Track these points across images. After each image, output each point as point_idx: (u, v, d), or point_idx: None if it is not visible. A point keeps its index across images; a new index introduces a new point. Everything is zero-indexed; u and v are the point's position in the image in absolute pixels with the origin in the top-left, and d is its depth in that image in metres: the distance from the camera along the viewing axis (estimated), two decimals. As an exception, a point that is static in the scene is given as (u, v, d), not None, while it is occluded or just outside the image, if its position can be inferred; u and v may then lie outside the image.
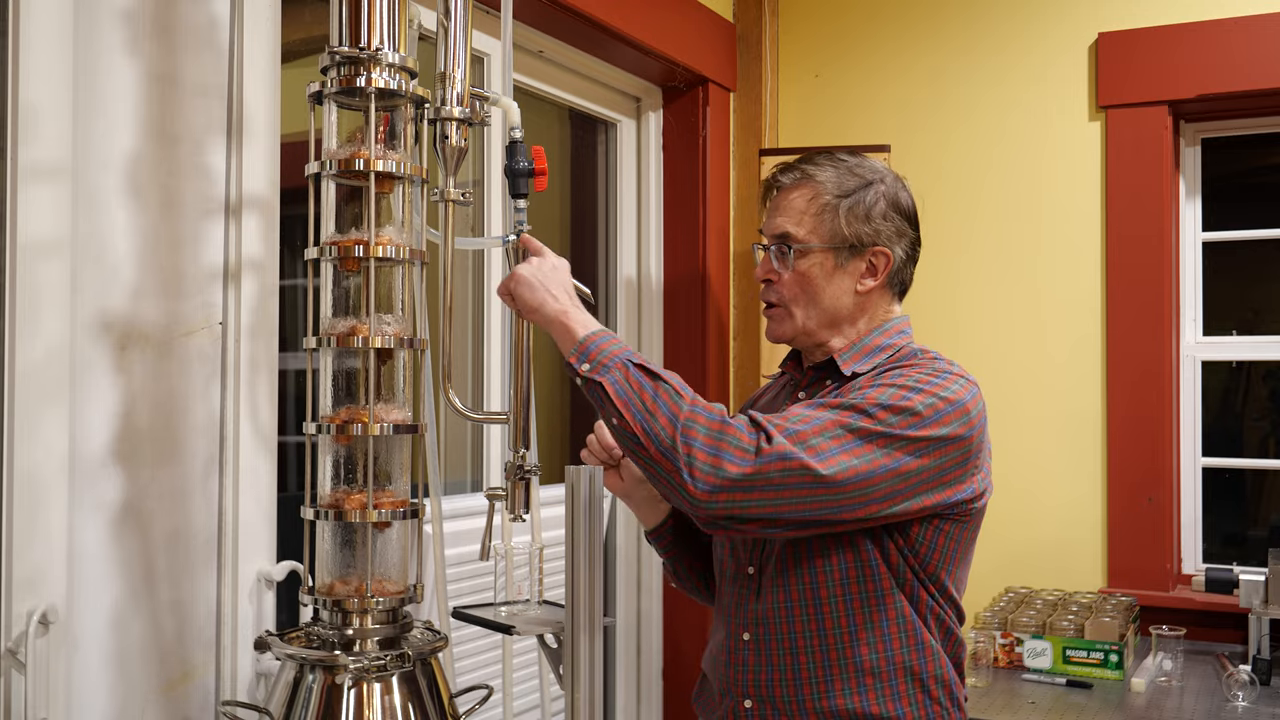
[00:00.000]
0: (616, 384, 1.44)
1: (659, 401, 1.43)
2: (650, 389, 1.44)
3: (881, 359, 1.64)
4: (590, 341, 1.48)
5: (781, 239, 1.66)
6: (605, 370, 1.45)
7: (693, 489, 1.40)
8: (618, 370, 1.45)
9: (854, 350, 1.66)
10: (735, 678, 1.64)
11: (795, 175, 1.68)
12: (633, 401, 1.43)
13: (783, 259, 1.66)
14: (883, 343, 1.66)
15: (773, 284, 1.67)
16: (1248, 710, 2.44)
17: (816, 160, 1.69)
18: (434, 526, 1.90)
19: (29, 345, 1.46)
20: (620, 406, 1.44)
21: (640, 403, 1.43)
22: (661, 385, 1.45)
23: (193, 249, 1.69)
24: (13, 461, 1.44)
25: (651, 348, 3.28)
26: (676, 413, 1.42)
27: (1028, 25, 3.26)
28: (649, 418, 1.42)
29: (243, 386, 1.73)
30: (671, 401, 1.43)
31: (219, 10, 1.73)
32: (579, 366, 1.47)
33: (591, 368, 1.46)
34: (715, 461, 1.40)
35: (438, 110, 1.49)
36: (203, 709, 1.69)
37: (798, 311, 1.66)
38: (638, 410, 1.43)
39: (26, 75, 1.45)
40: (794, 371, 1.77)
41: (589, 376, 1.46)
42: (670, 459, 1.41)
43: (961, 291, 3.30)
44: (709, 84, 3.25)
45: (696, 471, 1.39)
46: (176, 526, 1.66)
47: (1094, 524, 3.12)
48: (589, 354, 1.47)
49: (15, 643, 1.42)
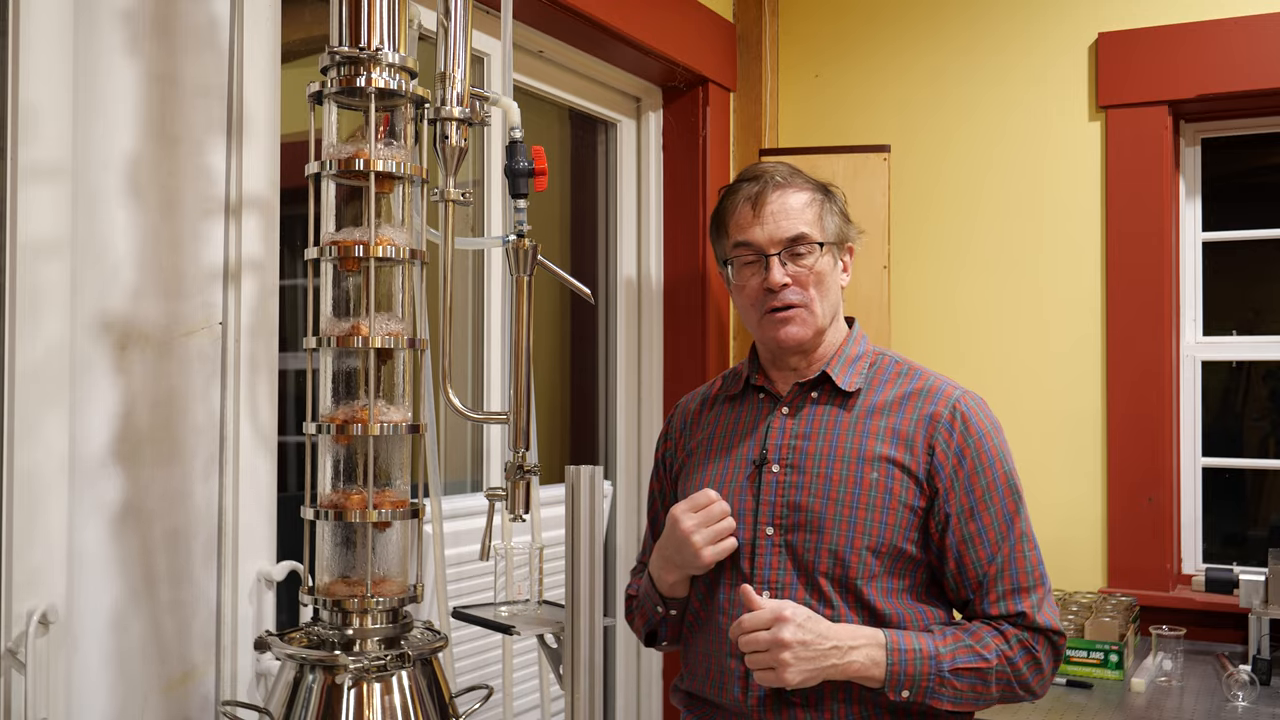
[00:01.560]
0: (950, 699, 1.59)
1: (989, 688, 1.60)
2: (978, 681, 1.60)
3: (863, 365, 1.73)
4: (895, 674, 1.57)
5: (796, 240, 1.68)
6: (930, 694, 1.58)
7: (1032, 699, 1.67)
8: (941, 689, 1.58)
9: (841, 361, 1.72)
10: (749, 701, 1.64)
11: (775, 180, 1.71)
12: (970, 701, 1.61)
13: (798, 259, 1.68)
14: (858, 351, 1.74)
15: (789, 286, 1.67)
16: (1248, 710, 2.44)
17: (777, 167, 1.75)
18: (434, 526, 1.90)
19: (29, 345, 1.46)
20: (962, 709, 1.63)
21: (975, 697, 1.61)
22: (981, 673, 1.59)
23: (193, 249, 1.69)
24: (13, 461, 1.44)
25: (651, 348, 3.29)
26: (1007, 678, 1.61)
27: (1028, 25, 3.26)
28: (988, 700, 1.63)
29: (243, 386, 1.73)
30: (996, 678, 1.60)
31: (219, 10, 1.73)
32: (898, 696, 1.58)
33: (913, 694, 1.58)
34: (1039, 679, 1.64)
35: (438, 110, 1.49)
36: (203, 709, 1.69)
37: (817, 308, 1.69)
38: (977, 700, 1.62)
39: (26, 75, 1.45)
40: (769, 386, 1.76)
41: (921, 702, 1.59)
42: (1010, 700, 1.65)
43: (961, 291, 3.30)
44: (709, 84, 3.25)
45: (1034, 690, 1.64)
46: (176, 526, 1.66)
47: (1094, 524, 3.13)
48: (903, 684, 1.57)
49: (15, 643, 1.42)
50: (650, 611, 1.76)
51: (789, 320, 1.68)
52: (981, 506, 1.63)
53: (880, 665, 1.56)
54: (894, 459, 1.63)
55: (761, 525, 1.66)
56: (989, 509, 1.63)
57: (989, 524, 1.63)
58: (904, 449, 1.63)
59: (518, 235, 1.55)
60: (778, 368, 1.75)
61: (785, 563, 1.64)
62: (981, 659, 1.58)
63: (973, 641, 1.59)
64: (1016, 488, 1.66)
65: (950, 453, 1.63)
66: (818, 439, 1.67)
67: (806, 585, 1.62)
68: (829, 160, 3.16)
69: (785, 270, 1.67)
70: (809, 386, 1.72)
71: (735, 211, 1.72)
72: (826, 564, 1.61)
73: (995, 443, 1.66)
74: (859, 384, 1.70)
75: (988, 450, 1.64)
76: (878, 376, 1.71)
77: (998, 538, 1.62)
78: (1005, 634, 1.60)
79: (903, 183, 3.33)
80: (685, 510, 1.64)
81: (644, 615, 1.78)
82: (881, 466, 1.63)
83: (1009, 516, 1.64)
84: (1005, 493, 1.64)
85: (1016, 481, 1.67)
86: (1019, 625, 1.61)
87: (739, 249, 1.71)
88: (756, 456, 1.70)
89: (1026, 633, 1.61)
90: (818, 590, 1.62)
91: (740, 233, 1.71)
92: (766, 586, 1.64)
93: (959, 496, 1.62)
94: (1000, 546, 1.62)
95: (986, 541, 1.62)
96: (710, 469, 1.74)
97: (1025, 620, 1.60)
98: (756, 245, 1.69)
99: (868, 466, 1.63)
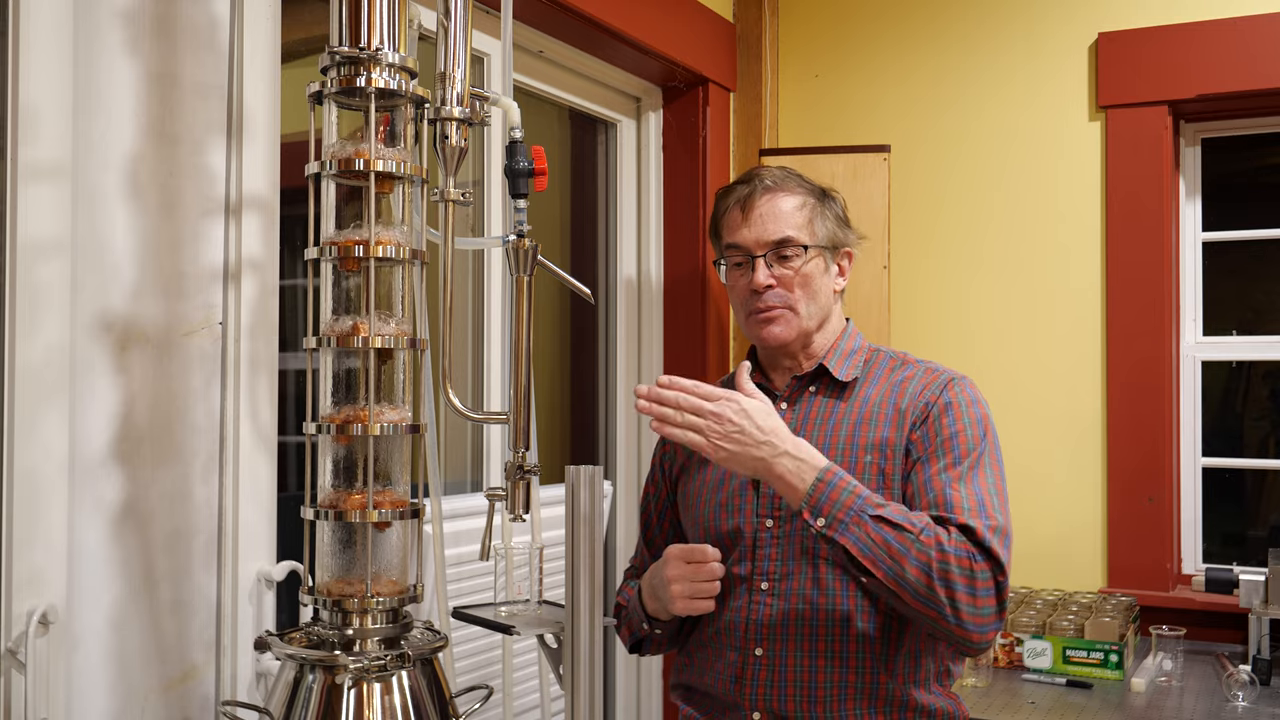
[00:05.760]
0: (859, 542, 1.48)
1: (906, 559, 1.47)
2: (895, 541, 1.47)
3: (859, 359, 1.75)
4: (819, 492, 1.50)
5: (782, 243, 1.71)
6: (844, 528, 1.48)
7: (963, 633, 1.48)
8: (856, 528, 1.48)
9: (837, 355, 1.75)
10: (744, 692, 1.65)
11: (765, 184, 1.74)
12: (880, 558, 1.47)
13: (784, 261, 1.72)
14: (853, 346, 1.77)
15: (772, 288, 1.71)
16: (1248, 710, 2.44)
17: (771, 171, 1.77)
18: (434, 526, 1.90)
19: (29, 345, 1.46)
20: (868, 565, 1.49)
21: (887, 558, 1.47)
22: (904, 534, 1.48)
23: (193, 249, 1.69)
24: (13, 461, 1.44)
25: (651, 348, 3.29)
26: (928, 561, 1.47)
27: (1028, 25, 3.26)
28: (900, 570, 1.47)
29: (243, 386, 1.73)
30: (917, 549, 1.47)
31: (219, 10, 1.73)
32: (813, 522, 1.50)
33: (827, 524, 1.49)
34: (973, 602, 1.47)
35: (438, 110, 1.48)
36: (203, 709, 1.69)
37: (802, 310, 1.72)
38: (889, 564, 1.48)
39: (26, 75, 1.45)
40: (767, 384, 1.78)
41: (827, 534, 1.50)
42: (932, 606, 1.47)
43: (961, 291, 3.30)
44: (709, 84, 3.25)
45: (964, 616, 1.47)
46: (176, 526, 1.66)
47: (1094, 524, 3.12)
48: (820, 508, 1.50)
49: (15, 643, 1.42)
50: (636, 626, 1.77)
51: (772, 321, 1.72)
52: (948, 445, 1.60)
53: (806, 481, 1.51)
54: (886, 439, 1.65)
55: (761, 518, 1.68)
56: (955, 447, 1.60)
57: (950, 463, 1.59)
58: (895, 429, 1.65)
59: (518, 235, 1.55)
60: (774, 366, 1.79)
61: (785, 553, 1.65)
62: (910, 523, 1.49)
63: (910, 513, 1.53)
64: (988, 437, 1.62)
65: (925, 417, 1.64)
66: (814, 429, 1.69)
67: (807, 573, 1.63)
68: (829, 160, 3.16)
69: (771, 272, 1.71)
70: (807, 380, 1.75)
71: (727, 214, 1.77)
72: (827, 550, 1.61)
73: (969, 409, 1.64)
74: (855, 374, 1.72)
75: (953, 410, 1.64)
76: (873, 369, 1.74)
77: (963, 470, 1.58)
78: (947, 528, 1.50)
79: (902, 183, 3.33)
80: (678, 557, 1.64)
81: (630, 627, 1.79)
82: (875, 450, 1.65)
83: (976, 458, 1.60)
84: (975, 440, 1.61)
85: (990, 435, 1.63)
86: (965, 537, 1.51)
87: (730, 250, 1.76)
88: None
89: (970, 543, 1.49)
90: (819, 578, 1.62)
91: (730, 235, 1.76)
92: (766, 578, 1.65)
93: (920, 446, 1.62)
94: (964, 478, 1.57)
95: (950, 474, 1.58)
96: (710, 466, 1.75)
97: (972, 534, 1.50)
98: (744, 247, 1.73)
99: (862, 452, 1.65)
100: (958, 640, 1.51)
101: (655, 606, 1.71)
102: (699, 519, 1.75)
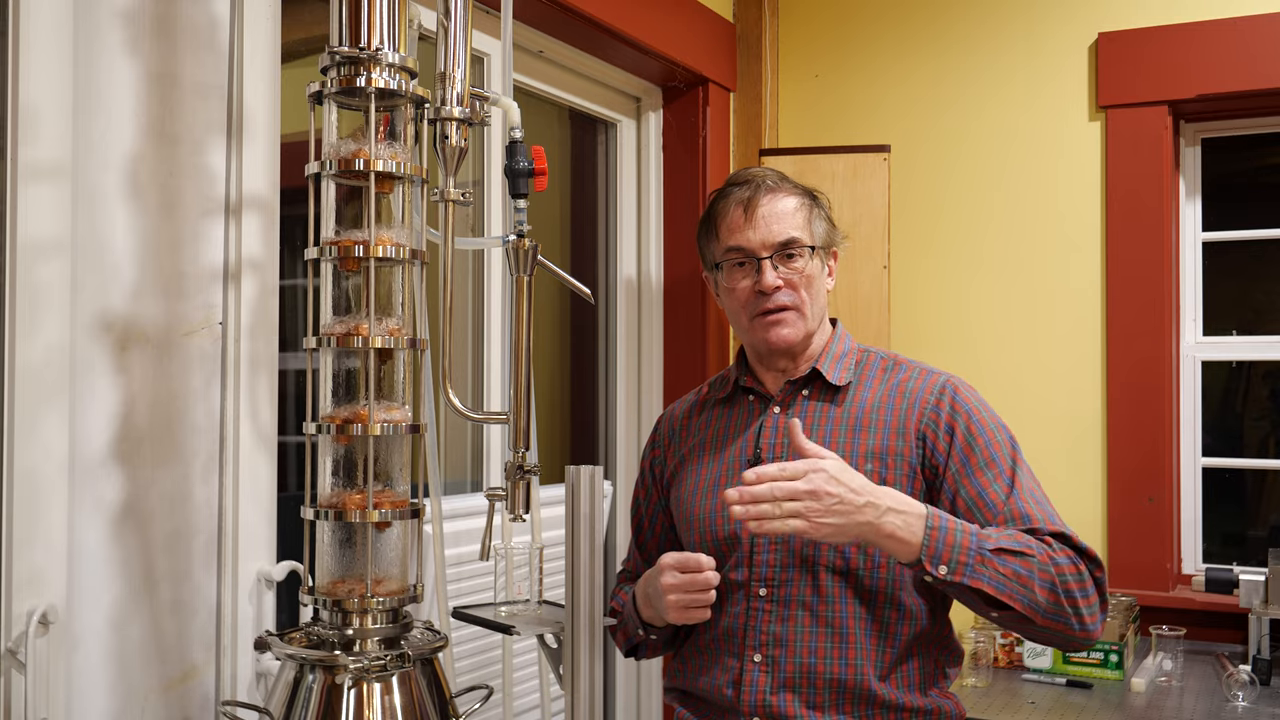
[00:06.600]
0: (994, 581, 1.49)
1: (1033, 581, 1.49)
2: (1021, 568, 1.49)
3: (850, 361, 1.74)
4: (934, 540, 1.49)
5: (787, 244, 1.70)
6: (970, 571, 1.48)
7: (1085, 635, 1.52)
8: (983, 567, 1.48)
9: (829, 357, 1.74)
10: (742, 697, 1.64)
11: (767, 185, 1.73)
12: (1014, 592, 1.49)
13: (789, 262, 1.70)
14: (844, 348, 1.76)
15: (780, 289, 1.70)
16: (1248, 710, 2.44)
17: (765, 172, 1.77)
18: (434, 526, 1.90)
19: (29, 345, 1.46)
20: (1005, 600, 1.49)
21: (1020, 587, 1.49)
22: (1025, 559, 1.50)
23: (193, 249, 1.69)
24: (13, 461, 1.44)
25: (651, 348, 3.28)
26: (1050, 579, 1.49)
27: (1028, 26, 3.26)
28: (1032, 596, 1.49)
29: (243, 386, 1.73)
30: (1039, 570, 1.49)
31: (219, 10, 1.73)
32: (934, 570, 1.49)
33: (950, 570, 1.48)
34: (1089, 603, 1.51)
35: (438, 110, 1.48)
36: (203, 709, 1.69)
37: (807, 311, 1.72)
38: (1023, 594, 1.49)
39: (26, 75, 1.45)
40: (759, 388, 1.77)
41: (953, 580, 1.49)
42: (1060, 620, 1.50)
43: (962, 291, 3.29)
44: (709, 84, 3.25)
45: (1086, 620, 1.51)
46: (176, 526, 1.66)
47: (1094, 524, 3.12)
48: (940, 556, 1.48)
49: (15, 643, 1.42)
50: (632, 632, 1.77)
51: (780, 322, 1.70)
52: (983, 462, 1.61)
53: (917, 533, 1.48)
54: (887, 449, 1.64)
55: None
56: (995, 458, 1.62)
57: (996, 475, 1.61)
58: (896, 437, 1.65)
59: (518, 235, 1.55)
60: (766, 369, 1.77)
61: (783, 559, 1.64)
62: (1025, 546, 1.51)
63: (1015, 535, 1.54)
64: (1012, 441, 1.65)
65: (940, 432, 1.64)
66: (810, 434, 1.68)
67: (805, 579, 1.63)
68: (829, 160, 3.16)
69: (777, 273, 1.69)
70: (800, 384, 1.74)
71: (727, 215, 1.73)
72: (827, 557, 1.62)
73: (985, 414, 1.67)
74: (848, 378, 1.72)
75: (976, 420, 1.65)
76: (865, 372, 1.74)
77: (1010, 480, 1.60)
78: (1045, 539, 1.54)
79: (902, 182, 3.33)
80: (673, 566, 1.62)
81: (625, 633, 1.79)
82: (875, 459, 1.64)
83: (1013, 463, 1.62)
84: (1005, 443, 1.64)
85: (1012, 439, 1.65)
86: (1063, 545, 1.54)
87: (731, 253, 1.73)
88: (750, 455, 1.71)
89: (1070, 549, 1.53)
90: (818, 584, 1.62)
91: (732, 237, 1.72)
92: (765, 584, 1.65)
93: (958, 464, 1.62)
94: (1015, 488, 1.60)
95: (999, 485, 1.60)
96: (704, 471, 1.75)
97: (1068, 541, 1.54)
98: (749, 248, 1.71)
99: (862, 460, 1.64)
100: (1079, 643, 1.54)
101: (650, 614, 1.70)
102: (695, 525, 1.74)
